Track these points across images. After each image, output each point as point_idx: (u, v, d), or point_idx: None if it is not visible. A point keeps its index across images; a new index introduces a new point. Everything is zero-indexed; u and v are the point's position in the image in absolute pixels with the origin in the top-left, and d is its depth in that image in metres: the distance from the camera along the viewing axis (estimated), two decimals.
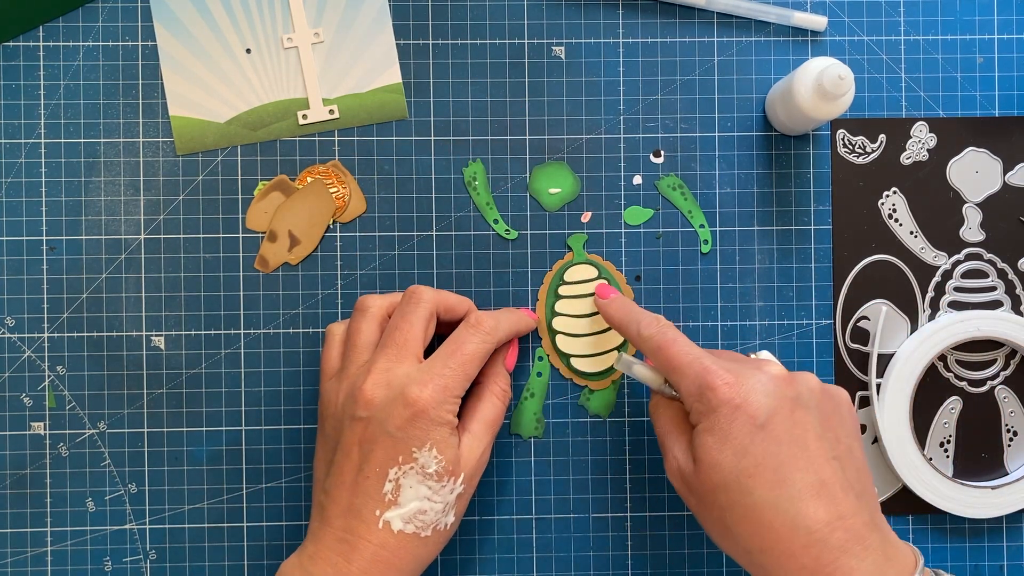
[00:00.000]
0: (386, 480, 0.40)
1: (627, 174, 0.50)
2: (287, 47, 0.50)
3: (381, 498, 0.40)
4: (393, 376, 0.41)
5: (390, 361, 0.42)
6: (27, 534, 0.49)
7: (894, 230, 0.50)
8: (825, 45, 0.51)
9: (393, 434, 0.40)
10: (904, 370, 0.49)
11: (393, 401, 0.41)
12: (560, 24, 0.50)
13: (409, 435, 0.40)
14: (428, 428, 0.40)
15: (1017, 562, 0.50)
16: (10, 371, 0.49)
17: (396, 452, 0.40)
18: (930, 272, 0.51)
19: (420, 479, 0.40)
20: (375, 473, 0.40)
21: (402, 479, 0.40)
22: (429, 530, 0.41)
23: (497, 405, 0.45)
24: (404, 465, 0.40)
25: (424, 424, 0.40)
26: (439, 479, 0.41)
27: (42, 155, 0.49)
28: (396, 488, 0.40)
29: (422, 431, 0.40)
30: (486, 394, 0.45)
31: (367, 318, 0.45)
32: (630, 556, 0.50)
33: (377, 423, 0.41)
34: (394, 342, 0.42)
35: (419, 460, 0.40)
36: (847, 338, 0.50)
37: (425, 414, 0.40)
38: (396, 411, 0.40)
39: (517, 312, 0.48)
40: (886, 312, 0.50)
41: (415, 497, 0.40)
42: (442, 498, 0.41)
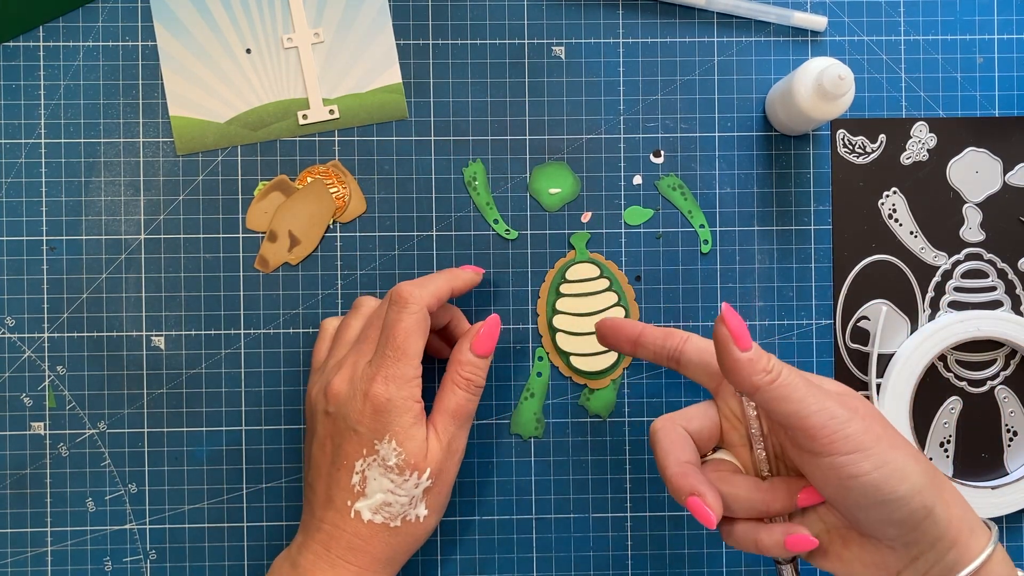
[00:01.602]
0: (353, 472, 0.42)
1: (627, 174, 0.50)
2: (287, 47, 0.50)
3: (351, 489, 0.42)
4: (356, 371, 0.42)
5: (360, 356, 0.43)
6: (27, 534, 0.49)
7: (894, 230, 0.50)
8: (825, 45, 0.51)
9: (356, 428, 0.42)
10: (904, 370, 0.49)
11: (354, 396, 0.42)
12: (560, 24, 0.50)
13: (370, 428, 0.41)
14: (386, 420, 0.41)
15: (1017, 562, 0.50)
16: (10, 371, 0.49)
17: (360, 445, 0.42)
18: (930, 272, 0.51)
19: (382, 471, 0.41)
20: (344, 466, 0.42)
21: (367, 471, 0.42)
22: (398, 520, 0.42)
23: (458, 394, 0.43)
24: (368, 457, 0.41)
25: (381, 417, 0.41)
26: (400, 472, 0.41)
27: (42, 155, 0.49)
28: (363, 480, 0.42)
29: (380, 424, 0.41)
30: (447, 383, 0.44)
31: (358, 316, 0.45)
32: (630, 556, 0.50)
33: (342, 418, 0.42)
34: (366, 338, 0.43)
35: (380, 452, 0.41)
36: (847, 338, 0.50)
37: (380, 407, 0.41)
38: (356, 406, 0.42)
39: (450, 271, 0.46)
40: (886, 312, 0.50)
41: (379, 489, 0.42)
42: (406, 492, 0.42)
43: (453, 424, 0.43)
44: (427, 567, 0.50)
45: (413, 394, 0.42)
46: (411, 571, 0.50)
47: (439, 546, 0.50)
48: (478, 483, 0.50)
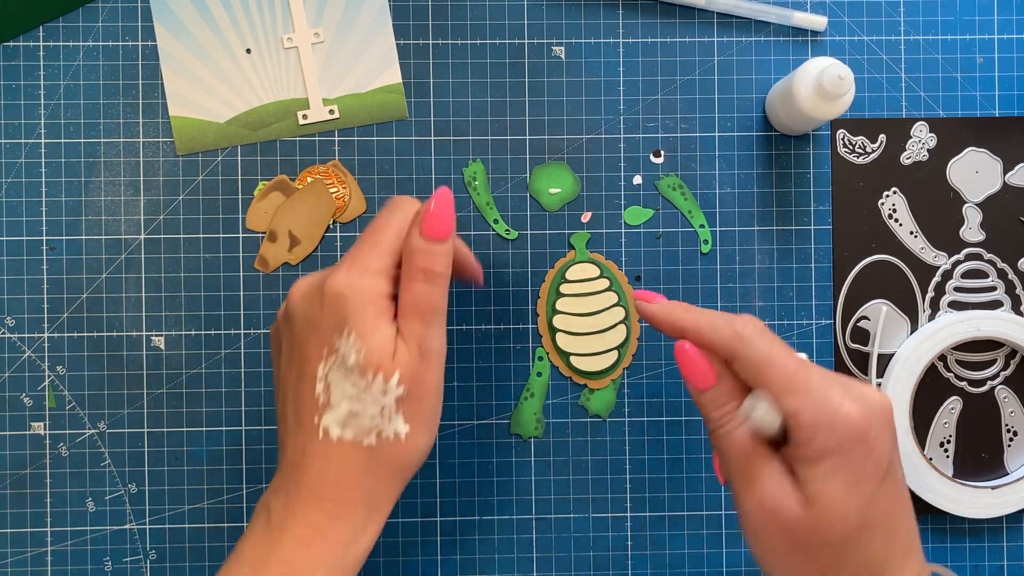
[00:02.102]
0: (316, 380, 0.36)
1: (627, 174, 0.50)
2: (287, 47, 0.50)
3: (315, 402, 0.36)
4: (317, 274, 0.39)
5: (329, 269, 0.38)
6: (27, 534, 0.49)
7: (894, 230, 0.50)
8: (825, 45, 0.51)
9: (316, 326, 0.37)
10: (904, 370, 0.49)
11: (313, 292, 0.37)
12: (560, 24, 0.50)
13: (328, 321, 0.36)
14: (344, 310, 0.36)
15: (1017, 562, 0.50)
16: (10, 371, 0.49)
17: (321, 344, 0.36)
18: (930, 272, 0.51)
19: (343, 374, 0.36)
20: (307, 375, 0.37)
21: (330, 375, 0.36)
22: (372, 436, 0.36)
23: (416, 287, 0.37)
24: (329, 358, 0.36)
25: (339, 306, 0.36)
26: (362, 373, 0.36)
27: (42, 155, 0.49)
28: (327, 387, 0.36)
29: (339, 314, 0.36)
30: (404, 279, 0.38)
31: None
32: (630, 556, 0.50)
33: (301, 319, 0.37)
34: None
35: (340, 350, 0.36)
36: (847, 338, 0.50)
37: (340, 296, 0.36)
38: (314, 300, 0.37)
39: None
40: (886, 312, 0.50)
41: (344, 396, 0.36)
42: (373, 399, 0.36)
43: (418, 322, 0.37)
44: (427, 567, 0.50)
45: (376, 284, 0.37)
46: (411, 571, 0.50)
47: (439, 546, 0.50)
48: (478, 483, 0.50)
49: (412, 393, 0.37)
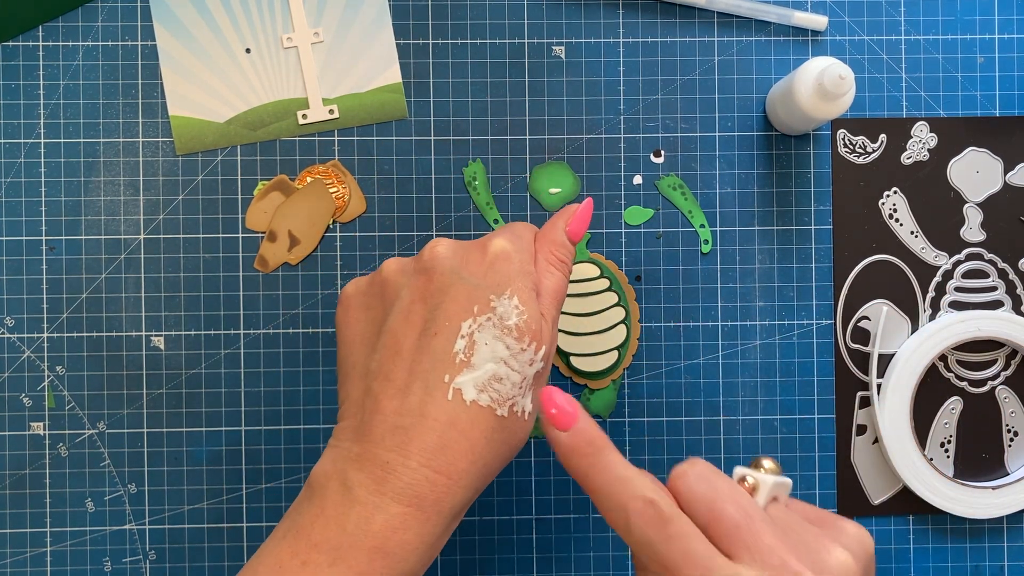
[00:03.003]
0: (458, 336, 0.33)
1: (627, 174, 0.50)
2: (287, 47, 0.50)
3: (451, 359, 0.33)
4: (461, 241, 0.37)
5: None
6: (27, 534, 0.49)
7: (894, 230, 0.50)
8: (825, 45, 0.51)
9: (467, 280, 0.34)
10: (905, 370, 0.49)
11: (468, 249, 0.35)
12: (560, 24, 0.50)
13: (488, 279, 0.34)
14: (510, 271, 0.34)
15: (1018, 562, 0.50)
16: (10, 371, 0.49)
17: (471, 300, 0.34)
18: (931, 272, 0.51)
19: (498, 334, 0.33)
20: (444, 328, 0.33)
21: (477, 333, 0.33)
22: (506, 408, 0.33)
23: (556, 275, 0.37)
24: (480, 316, 0.33)
25: (505, 265, 0.35)
26: (520, 337, 0.34)
27: (42, 155, 0.49)
28: (470, 345, 0.33)
29: (503, 272, 0.34)
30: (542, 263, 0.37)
31: None
32: (630, 556, 0.50)
33: (446, 272, 0.34)
34: None
35: (498, 309, 0.34)
36: (848, 338, 0.50)
37: (506, 256, 0.35)
38: (472, 256, 0.35)
39: None
40: (887, 312, 0.50)
41: (491, 357, 0.33)
42: (520, 366, 0.34)
43: (555, 306, 0.37)
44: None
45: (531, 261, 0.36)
46: None
47: None
48: None
49: (544, 371, 0.35)
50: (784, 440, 0.50)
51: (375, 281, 0.37)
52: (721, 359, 0.50)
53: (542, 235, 0.38)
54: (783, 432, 0.50)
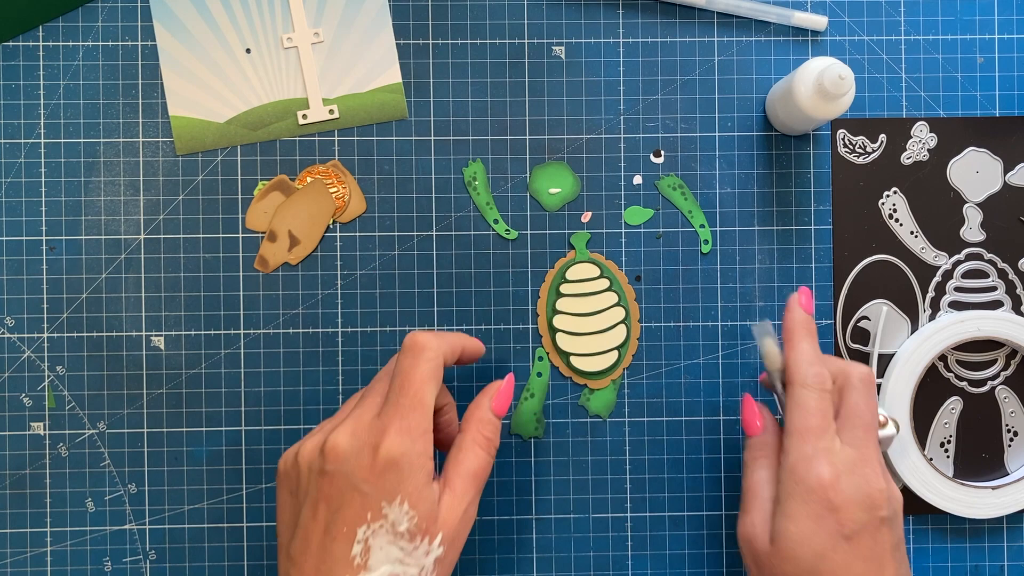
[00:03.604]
0: (354, 541, 0.36)
1: (627, 174, 0.50)
2: (287, 47, 0.50)
3: (350, 563, 0.36)
4: (360, 424, 0.38)
5: (364, 410, 0.39)
6: (27, 534, 0.49)
7: (894, 230, 0.50)
8: (825, 45, 0.51)
9: (360, 487, 0.37)
10: (904, 370, 0.49)
11: (360, 451, 0.37)
12: (560, 24, 0.50)
13: (378, 487, 0.37)
14: (399, 479, 0.37)
15: (1017, 562, 0.50)
16: (10, 371, 0.49)
17: (365, 508, 0.37)
18: (930, 272, 0.51)
19: (391, 539, 0.37)
20: (342, 534, 0.37)
21: (371, 539, 0.36)
22: None
23: (480, 456, 0.40)
24: (373, 523, 0.37)
25: (394, 474, 0.37)
26: (411, 539, 0.37)
27: (42, 155, 0.49)
28: (366, 550, 0.36)
29: (393, 482, 0.37)
30: (467, 443, 0.40)
31: None
32: (630, 556, 0.50)
33: (343, 476, 0.37)
34: (372, 391, 0.40)
35: (389, 516, 0.37)
36: (847, 338, 0.50)
37: (393, 463, 0.37)
38: (363, 462, 0.37)
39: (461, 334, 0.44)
40: (886, 312, 0.50)
41: (386, 560, 0.37)
42: (416, 561, 0.37)
43: (473, 487, 0.39)
44: None
45: (426, 450, 0.38)
46: None
47: None
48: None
49: (447, 552, 0.38)
50: None
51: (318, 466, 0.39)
52: (721, 359, 0.50)
53: (469, 414, 0.41)
54: None
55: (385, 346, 0.50)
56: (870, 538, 0.39)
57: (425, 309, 0.50)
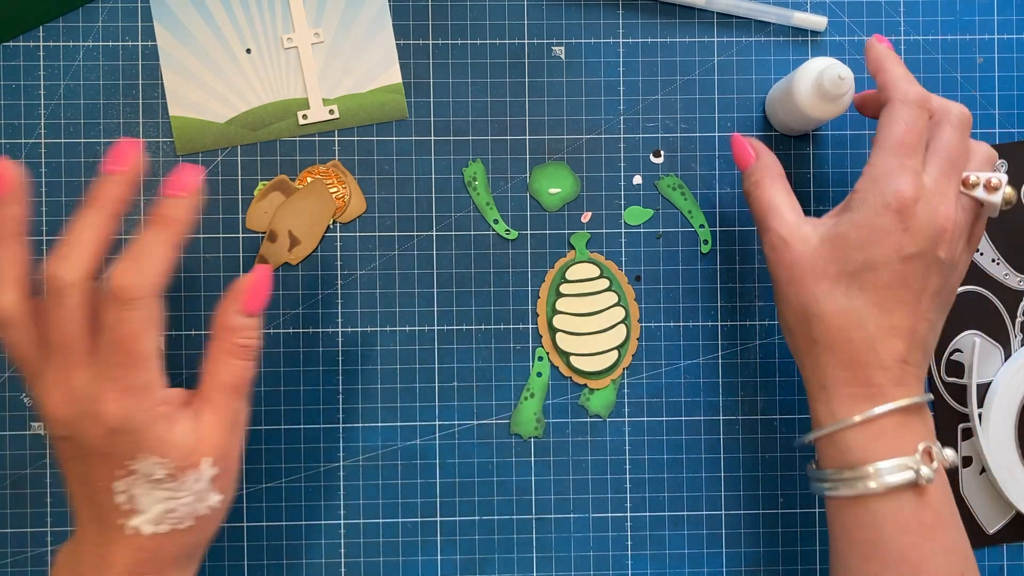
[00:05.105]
0: (116, 493, 0.36)
1: (627, 174, 0.50)
2: (287, 47, 0.50)
3: (118, 508, 0.36)
4: (73, 389, 0.35)
5: (61, 370, 0.35)
6: (27, 534, 0.49)
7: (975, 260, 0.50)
8: (825, 45, 0.51)
9: (100, 451, 0.35)
10: (1004, 398, 0.49)
11: (83, 418, 0.35)
12: (560, 24, 0.50)
13: (116, 451, 0.35)
14: (134, 439, 0.35)
15: (1017, 562, 0.50)
16: (10, 371, 0.49)
17: (111, 468, 0.36)
18: (1017, 297, 0.50)
19: (150, 486, 0.36)
20: (102, 488, 0.36)
21: (131, 489, 0.36)
22: (189, 520, 0.37)
23: (235, 365, 0.38)
24: (127, 478, 0.36)
25: (127, 438, 0.35)
26: (172, 479, 0.36)
27: (42, 155, 0.49)
28: (130, 498, 0.36)
29: (128, 445, 0.35)
30: (218, 353, 0.38)
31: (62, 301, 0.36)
32: (630, 556, 0.50)
33: (79, 442, 0.36)
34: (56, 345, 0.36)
35: (140, 470, 0.36)
36: (943, 372, 0.50)
37: (121, 428, 0.35)
38: (91, 430, 0.35)
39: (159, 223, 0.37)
40: (979, 343, 0.50)
41: (155, 501, 0.36)
42: (187, 490, 0.36)
43: (235, 399, 0.38)
44: (427, 567, 0.50)
45: (157, 399, 0.36)
46: (411, 571, 0.50)
47: (439, 546, 0.50)
48: (478, 483, 0.50)
49: (223, 467, 0.37)
50: (784, 440, 0.50)
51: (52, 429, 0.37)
52: (721, 359, 0.50)
53: (215, 323, 0.38)
54: (783, 432, 0.50)
55: (385, 346, 0.50)
56: (921, 268, 0.39)
57: (425, 309, 0.50)
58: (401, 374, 0.50)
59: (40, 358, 0.36)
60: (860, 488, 0.39)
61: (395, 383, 0.50)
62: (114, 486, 0.36)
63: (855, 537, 0.40)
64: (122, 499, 0.36)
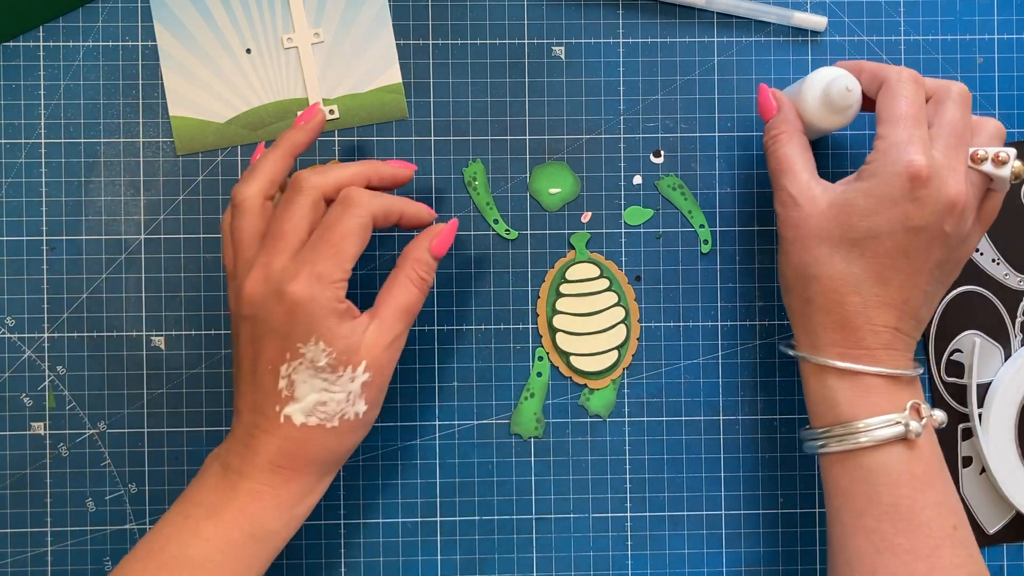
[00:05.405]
0: (279, 377, 0.40)
1: (627, 174, 0.50)
2: (287, 47, 0.50)
3: (278, 394, 0.40)
4: (271, 271, 0.40)
5: (269, 255, 0.40)
6: (27, 534, 0.49)
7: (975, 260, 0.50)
8: (825, 45, 0.51)
9: (277, 330, 0.39)
10: (1005, 398, 0.49)
11: (270, 297, 0.39)
12: (560, 24, 0.50)
13: (292, 330, 0.39)
14: (309, 321, 0.39)
15: (1017, 562, 0.50)
16: (10, 371, 0.49)
17: (283, 349, 0.39)
18: (1017, 297, 0.50)
19: (312, 373, 0.40)
20: (268, 371, 0.40)
21: (294, 375, 0.40)
22: (335, 420, 0.40)
23: (412, 291, 0.42)
24: (293, 361, 0.39)
25: (304, 317, 0.39)
26: (333, 371, 0.40)
27: (42, 155, 0.49)
28: (290, 384, 0.40)
29: (304, 325, 0.39)
30: (401, 278, 0.42)
31: (243, 213, 0.42)
32: (630, 556, 0.50)
33: (261, 321, 0.40)
34: (272, 234, 0.41)
35: (307, 355, 0.39)
36: (943, 372, 0.50)
37: (303, 307, 0.39)
38: (274, 307, 0.39)
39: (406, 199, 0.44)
40: (979, 343, 0.50)
41: (311, 390, 0.40)
42: (342, 387, 0.40)
43: (403, 321, 0.42)
44: (427, 567, 0.50)
45: (337, 295, 0.40)
46: (411, 571, 0.50)
47: (439, 546, 0.50)
48: (478, 483, 0.50)
49: (374, 377, 0.41)
50: (784, 440, 0.50)
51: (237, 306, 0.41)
52: (721, 359, 0.50)
53: (407, 252, 0.43)
54: (783, 432, 0.50)
55: None
56: (924, 241, 0.40)
57: (425, 309, 0.50)
58: (401, 374, 0.50)
59: (254, 247, 0.41)
60: (851, 443, 0.40)
61: (395, 383, 0.50)
62: (280, 369, 0.39)
63: (848, 492, 0.41)
64: (283, 384, 0.40)
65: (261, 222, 0.42)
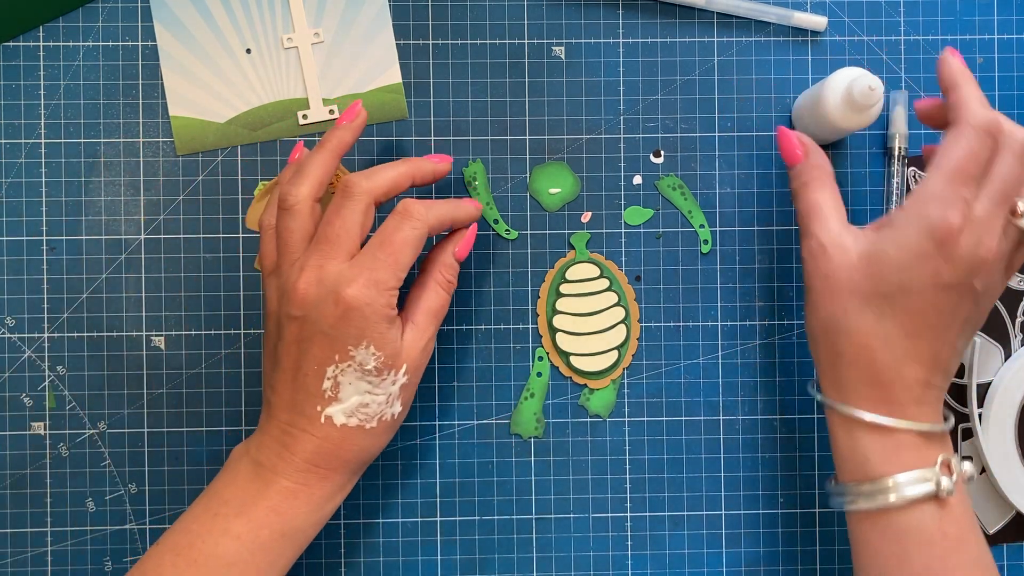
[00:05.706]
0: (324, 378, 0.40)
1: (627, 174, 0.50)
2: (287, 47, 0.50)
3: (321, 395, 0.41)
4: (325, 273, 0.40)
5: (322, 257, 0.41)
6: (27, 534, 0.49)
7: None
8: (825, 45, 0.51)
9: (328, 332, 0.40)
10: (1005, 398, 0.49)
11: (325, 299, 0.40)
12: (560, 24, 0.50)
13: (344, 333, 0.40)
14: (363, 325, 0.40)
15: (1017, 562, 0.50)
16: (10, 371, 0.49)
17: (332, 351, 0.40)
18: (1016, 297, 0.50)
19: (359, 375, 0.40)
20: (313, 371, 0.40)
21: (340, 376, 0.40)
22: (374, 421, 0.41)
23: (441, 295, 0.44)
24: (341, 363, 0.40)
25: (358, 322, 0.40)
26: (379, 374, 0.41)
27: (42, 155, 0.49)
28: (335, 385, 0.41)
29: (357, 329, 0.40)
30: (430, 283, 0.44)
31: (294, 216, 0.42)
32: (630, 556, 0.50)
33: (311, 322, 0.40)
34: (326, 237, 0.41)
35: (356, 358, 0.40)
36: None
37: (358, 311, 0.40)
38: (328, 310, 0.40)
39: (455, 200, 0.46)
40: (980, 343, 0.50)
41: (355, 392, 0.41)
42: (384, 390, 0.41)
43: (434, 324, 0.43)
44: (427, 567, 0.50)
45: (390, 302, 0.41)
46: (411, 571, 0.50)
47: (439, 546, 0.50)
48: (478, 483, 0.50)
49: (410, 379, 0.42)
50: (784, 440, 0.50)
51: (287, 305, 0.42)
52: (721, 359, 0.50)
53: (432, 257, 0.45)
54: (783, 432, 0.50)
55: None
56: (955, 297, 0.39)
57: None
58: None
59: (302, 248, 0.42)
60: (880, 501, 0.39)
61: None
62: (327, 370, 0.40)
63: (878, 552, 0.40)
64: (327, 385, 0.40)
65: (311, 224, 0.42)
